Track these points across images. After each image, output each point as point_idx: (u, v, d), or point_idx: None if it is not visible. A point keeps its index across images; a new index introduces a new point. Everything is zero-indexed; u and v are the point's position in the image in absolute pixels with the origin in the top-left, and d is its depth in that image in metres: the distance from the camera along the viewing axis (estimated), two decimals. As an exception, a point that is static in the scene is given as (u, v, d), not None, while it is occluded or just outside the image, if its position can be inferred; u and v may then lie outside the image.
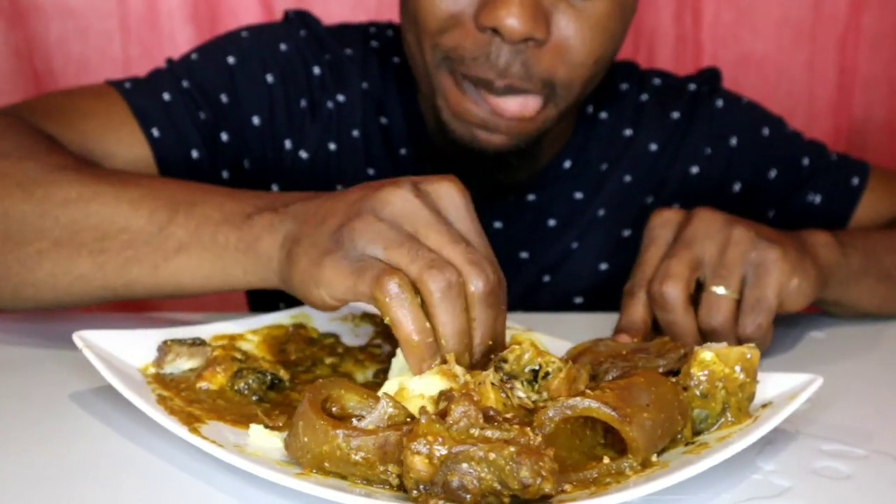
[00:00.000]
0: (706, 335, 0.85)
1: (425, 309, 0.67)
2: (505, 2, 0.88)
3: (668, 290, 0.83)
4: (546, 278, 1.14)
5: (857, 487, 0.66)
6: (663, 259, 0.86)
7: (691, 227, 0.86)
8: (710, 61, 1.69)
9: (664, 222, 0.89)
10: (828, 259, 0.90)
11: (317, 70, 1.10)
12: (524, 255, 1.13)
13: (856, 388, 0.84)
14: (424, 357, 0.67)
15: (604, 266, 1.14)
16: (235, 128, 1.06)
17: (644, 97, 1.16)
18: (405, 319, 0.66)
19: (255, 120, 1.07)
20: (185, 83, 1.04)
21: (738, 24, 1.70)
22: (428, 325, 0.67)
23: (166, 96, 1.03)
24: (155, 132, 1.01)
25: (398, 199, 0.70)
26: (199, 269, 0.79)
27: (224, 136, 1.06)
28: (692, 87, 1.17)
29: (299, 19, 1.13)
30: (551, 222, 1.13)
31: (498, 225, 1.12)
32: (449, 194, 0.72)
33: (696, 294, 0.86)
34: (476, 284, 0.68)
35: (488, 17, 0.89)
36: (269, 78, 1.08)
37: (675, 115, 1.15)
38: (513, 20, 0.88)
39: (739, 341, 0.84)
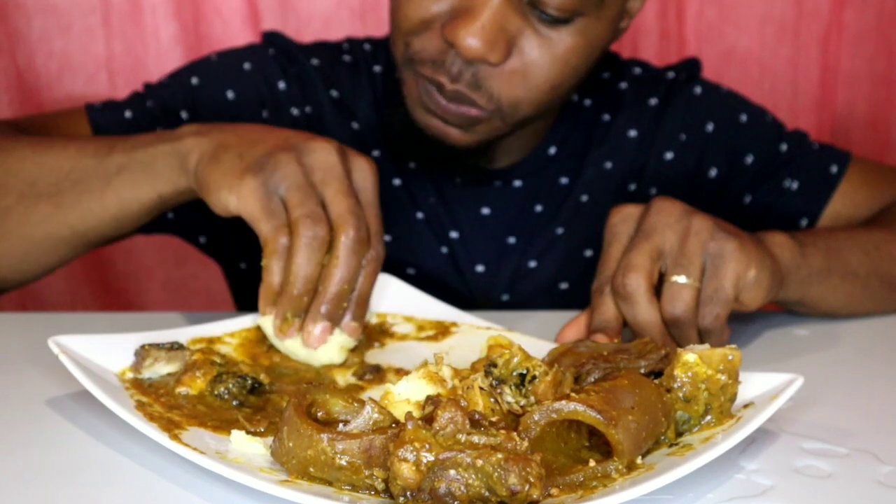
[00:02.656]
0: (669, 326, 0.84)
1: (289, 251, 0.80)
2: (467, 21, 0.92)
3: (630, 282, 0.83)
4: (532, 264, 1.15)
5: (839, 486, 0.67)
6: (624, 253, 0.86)
7: (650, 218, 0.86)
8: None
9: (624, 218, 0.89)
10: (783, 258, 0.90)
11: (281, 84, 1.14)
12: (511, 240, 1.15)
13: (837, 386, 0.84)
14: (270, 301, 0.81)
15: (589, 253, 1.15)
16: None
17: (623, 85, 1.17)
18: (276, 269, 0.81)
19: None
20: (149, 103, 1.11)
21: (721, 19, 1.71)
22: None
23: (127, 114, 1.10)
24: None
25: (322, 152, 0.83)
26: (135, 184, 0.89)
27: None
28: (671, 75, 1.19)
29: (271, 40, 1.18)
30: (538, 208, 1.15)
31: (486, 211, 1.14)
32: (363, 168, 0.85)
33: (659, 287, 0.85)
34: (348, 234, 0.80)
35: (450, 33, 0.93)
36: (230, 94, 1.12)
37: (653, 101, 1.16)
38: (471, 40, 0.92)
39: (699, 333, 0.85)
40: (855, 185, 1.14)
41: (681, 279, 0.83)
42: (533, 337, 0.87)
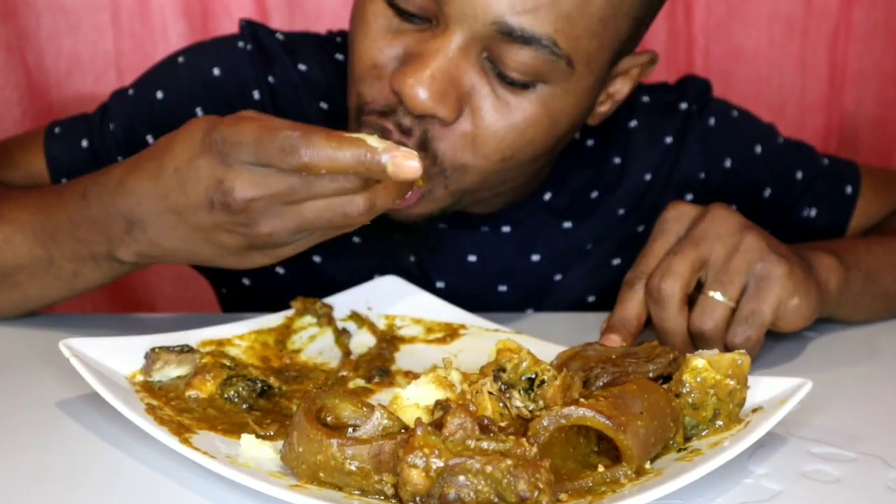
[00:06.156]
0: (695, 338, 0.84)
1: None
2: (415, 70, 0.83)
3: (666, 287, 0.82)
4: (529, 311, 1.09)
5: (847, 490, 0.67)
6: (668, 254, 0.85)
7: (703, 224, 0.85)
8: (701, 56, 1.70)
9: (679, 215, 0.87)
10: (829, 284, 0.89)
11: (256, 94, 1.05)
12: (503, 288, 1.09)
13: (846, 390, 0.84)
14: None
15: (591, 298, 1.11)
16: None
17: (633, 123, 1.09)
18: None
19: None
20: (111, 125, 1.04)
21: (729, 17, 1.70)
22: None
23: (84, 143, 1.04)
24: (64, 182, 0.98)
25: (238, 183, 0.71)
26: (103, 278, 0.86)
27: None
28: (683, 106, 1.11)
29: (250, 31, 1.07)
30: (535, 257, 1.08)
31: (472, 258, 1.07)
32: (237, 136, 0.71)
33: (695, 293, 0.85)
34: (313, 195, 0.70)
35: (397, 80, 0.84)
36: (199, 111, 1.04)
37: (668, 140, 1.10)
38: (418, 89, 0.82)
39: (727, 349, 0.83)
40: (869, 200, 1.14)
41: (717, 296, 0.83)
42: (541, 340, 0.87)
